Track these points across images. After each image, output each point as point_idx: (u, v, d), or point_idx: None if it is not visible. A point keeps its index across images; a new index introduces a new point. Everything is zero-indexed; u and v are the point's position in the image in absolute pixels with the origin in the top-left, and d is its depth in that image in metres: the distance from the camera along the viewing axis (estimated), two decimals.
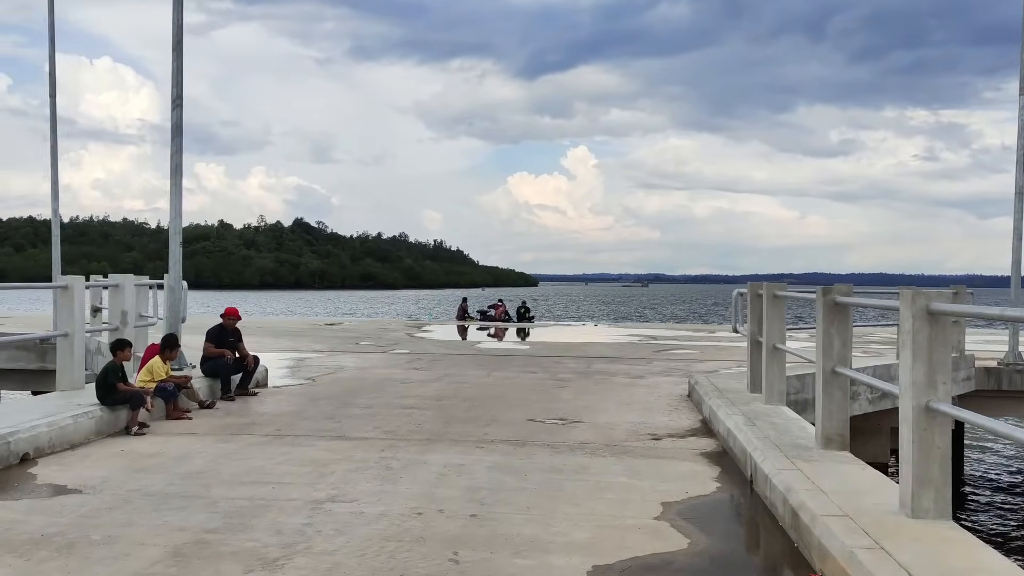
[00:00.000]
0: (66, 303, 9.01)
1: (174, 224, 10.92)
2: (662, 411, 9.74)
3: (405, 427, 8.45)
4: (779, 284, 8.70)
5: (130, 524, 5.11)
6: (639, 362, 15.55)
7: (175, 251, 10.91)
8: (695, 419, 9.23)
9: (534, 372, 13.56)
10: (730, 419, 7.78)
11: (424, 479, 6.32)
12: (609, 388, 11.72)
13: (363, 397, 10.43)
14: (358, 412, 9.30)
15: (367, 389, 11.15)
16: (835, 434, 6.31)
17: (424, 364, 14.47)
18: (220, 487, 6.01)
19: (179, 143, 10.95)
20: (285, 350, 16.88)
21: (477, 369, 13.79)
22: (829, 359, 6.25)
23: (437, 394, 10.77)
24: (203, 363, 10.21)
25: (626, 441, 7.92)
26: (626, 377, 13.09)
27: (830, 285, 6.39)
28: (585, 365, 14.82)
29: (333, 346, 17.92)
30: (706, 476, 6.61)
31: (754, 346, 9.44)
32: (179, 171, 10.95)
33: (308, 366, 13.97)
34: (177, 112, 10.91)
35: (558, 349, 18.31)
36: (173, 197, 10.95)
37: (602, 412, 9.59)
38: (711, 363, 15.60)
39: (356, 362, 14.68)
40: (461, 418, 9.03)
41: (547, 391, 11.30)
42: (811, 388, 11.22)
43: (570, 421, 8.99)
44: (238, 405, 9.76)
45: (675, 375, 13.48)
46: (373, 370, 13.49)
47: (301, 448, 7.36)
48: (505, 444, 7.67)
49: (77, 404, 7.95)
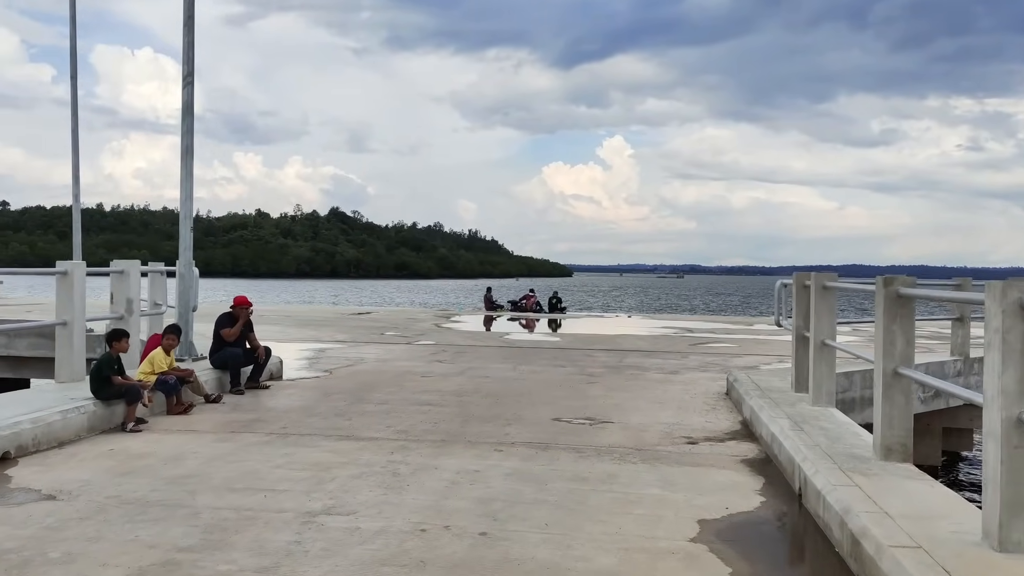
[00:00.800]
0: (65, 290, 8.52)
1: (184, 207, 10.41)
2: (698, 411, 9.03)
3: (420, 426, 7.84)
4: (829, 275, 7.93)
5: (97, 539, 4.55)
6: (674, 356, 14.81)
7: (185, 235, 10.41)
8: (734, 420, 8.51)
9: (563, 366, 12.90)
10: (774, 422, 7.05)
11: (433, 488, 5.70)
12: (642, 384, 11.02)
13: (379, 392, 9.85)
14: (371, 409, 8.72)
15: (385, 383, 10.58)
16: (897, 444, 5.56)
17: (448, 356, 13.87)
18: (207, 494, 5.44)
19: (190, 123, 10.43)
20: (307, 340, 16.40)
21: (503, 362, 13.16)
22: (891, 359, 5.51)
23: (458, 389, 10.16)
24: (212, 354, 9.70)
25: (659, 445, 7.24)
26: (660, 372, 12.37)
27: (891, 276, 5.63)
28: (617, 359, 14.12)
29: (356, 336, 17.41)
30: (748, 488, 5.90)
31: (800, 341, 8.68)
32: (190, 152, 10.44)
33: (328, 357, 13.44)
34: (188, 90, 10.39)
35: (589, 341, 17.61)
36: (184, 180, 10.44)
37: (633, 411, 8.91)
38: (750, 358, 14.81)
39: (378, 354, 14.13)
40: (481, 416, 8.40)
41: (575, 387, 10.64)
42: (859, 387, 10.44)
43: (598, 421, 8.31)
44: (247, 399, 9.23)
45: (712, 371, 12.73)
46: (394, 362, 12.92)
47: (304, 449, 6.78)
48: (526, 447, 7.03)
49: (71, 398, 7.45)
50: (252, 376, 9.81)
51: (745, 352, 15.89)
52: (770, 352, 15.86)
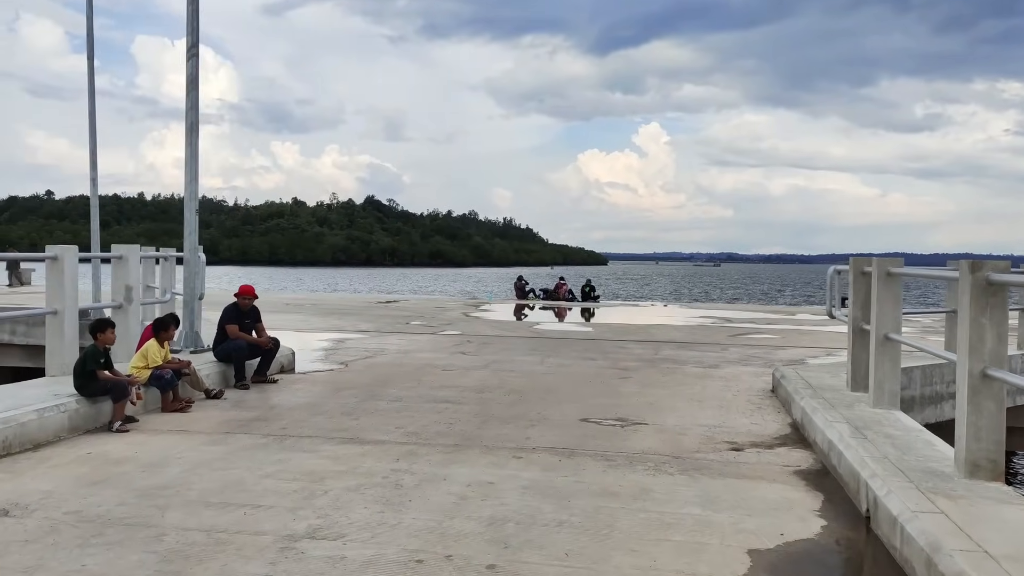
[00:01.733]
0: (55, 276, 7.91)
1: (189, 189, 9.76)
2: (742, 410, 8.19)
3: (433, 427, 7.10)
4: (893, 260, 7.03)
5: (36, 568, 3.88)
6: (713, 348, 13.94)
7: (190, 219, 9.77)
8: (783, 422, 7.66)
9: (593, 359, 12.09)
10: (831, 427, 6.20)
11: (438, 504, 4.95)
12: (679, 380, 10.19)
13: (394, 387, 9.14)
14: (383, 407, 8.00)
15: (402, 377, 9.87)
16: (985, 459, 4.70)
17: (472, 348, 13.13)
18: (180, 510, 4.76)
19: (194, 98, 9.78)
20: (329, 330, 15.79)
21: (530, 355, 12.39)
22: (979, 358, 4.64)
23: (479, 384, 9.42)
24: (215, 346, 9.06)
25: (699, 452, 6.42)
26: (698, 367, 11.52)
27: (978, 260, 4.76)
28: (652, 351, 13.28)
29: (380, 326, 16.75)
30: (805, 507, 5.08)
31: (857, 335, 7.79)
32: (194, 130, 9.79)
33: (346, 348, 12.78)
34: (192, 63, 9.73)
35: (623, 332, 16.78)
36: (188, 160, 9.80)
37: (670, 411, 8.10)
38: (795, 350, 13.88)
39: (399, 344, 13.44)
40: (501, 416, 7.65)
41: (607, 383, 9.84)
42: (918, 384, 9.51)
43: (631, 422, 7.52)
44: (251, 395, 8.58)
45: (755, 364, 11.85)
46: (415, 354, 12.22)
47: (301, 455, 6.08)
48: (549, 453, 6.26)
49: (54, 395, 6.84)
50: (259, 369, 9.16)
51: (789, 344, 14.95)
52: (816, 344, 14.90)
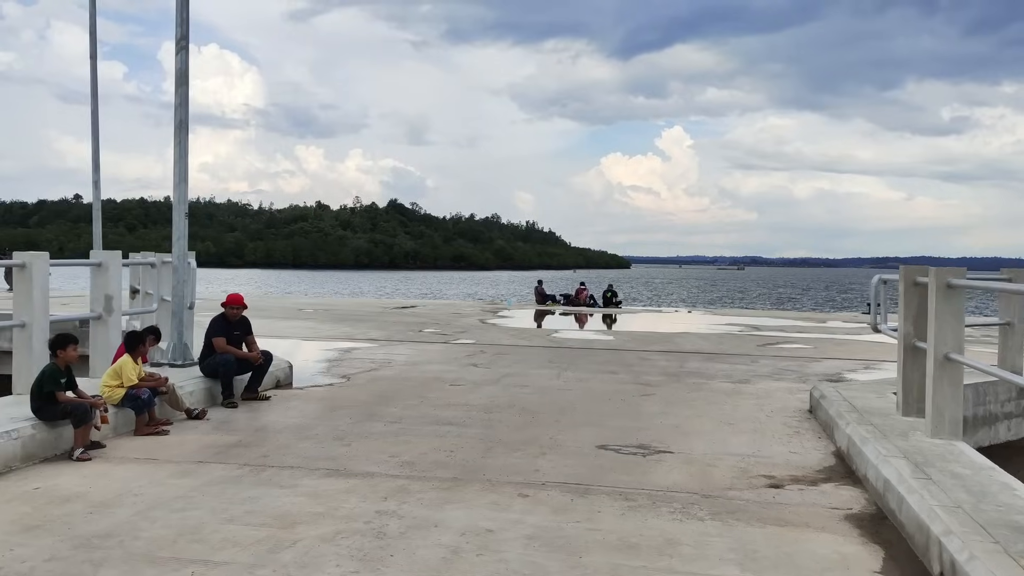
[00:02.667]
0: (23, 285, 7.24)
1: (178, 191, 9.10)
2: (778, 435, 7.36)
3: (431, 455, 6.34)
4: (955, 269, 6.18)
5: None
6: (742, 360, 13.08)
7: (179, 222, 9.10)
8: (825, 451, 6.82)
9: (614, 372, 11.28)
10: (886, 463, 5.37)
11: (425, 560, 4.19)
12: (706, 397, 9.36)
13: (396, 405, 8.40)
14: (379, 429, 7.26)
15: (405, 393, 9.12)
16: None
17: (485, 359, 12.37)
18: (117, 567, 4.03)
19: (184, 93, 9.12)
20: (337, 338, 15.10)
21: (546, 367, 11.60)
22: None
23: (488, 403, 8.65)
24: (202, 360, 8.36)
25: (732, 489, 5.61)
26: (727, 381, 10.68)
27: None
28: (677, 363, 12.45)
29: (391, 334, 16.04)
30: (863, 567, 4.25)
31: (910, 353, 6.93)
32: (184, 128, 9.12)
33: (351, 359, 12.07)
34: (182, 56, 9.07)
35: (646, 341, 15.94)
36: (177, 160, 9.13)
37: (697, 435, 7.29)
38: (830, 363, 12.99)
39: (409, 355, 12.71)
40: (509, 442, 6.87)
41: (627, 401, 9.04)
42: (971, 404, 8.60)
43: (654, 450, 6.71)
44: (238, 414, 7.87)
45: (788, 379, 10.99)
46: (424, 366, 11.47)
47: (276, 491, 5.34)
48: (560, 490, 5.48)
49: (10, 418, 6.16)
50: (249, 386, 8.45)
51: (823, 355, 14.06)
52: (852, 356, 13.99)
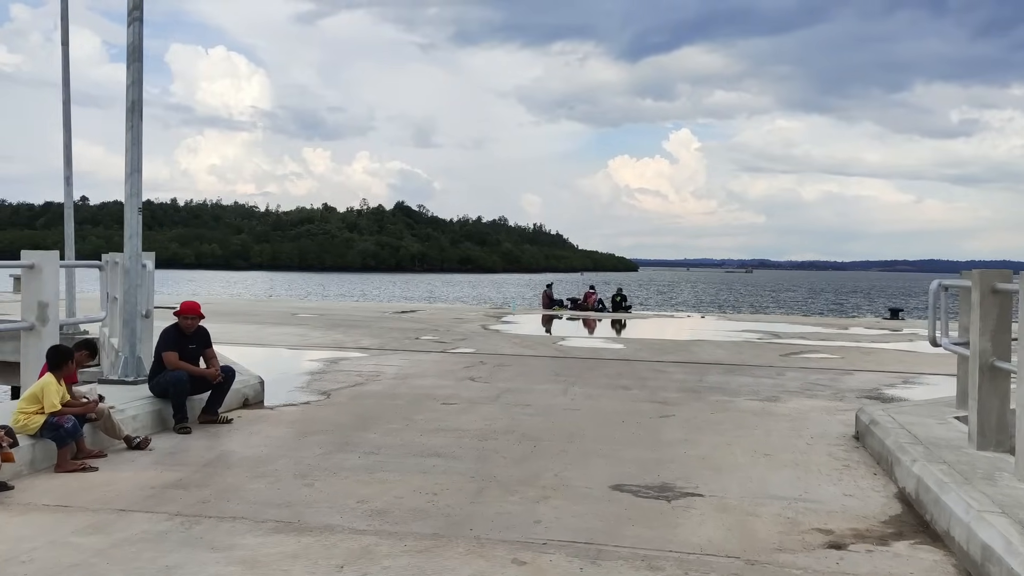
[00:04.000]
0: None
1: (131, 182, 8.00)
2: (825, 470, 6.21)
3: (409, 500, 5.20)
4: None
5: None
6: (766, 372, 11.91)
7: (132, 219, 8.00)
8: (886, 491, 5.66)
9: (627, 387, 10.13)
10: (983, 523, 4.20)
11: None
12: (734, 419, 8.20)
13: (377, 430, 7.26)
14: (352, 463, 6.12)
15: (390, 414, 7.99)
16: None
17: (484, 372, 11.22)
18: None
19: (137, 71, 8.02)
20: (326, 347, 13.99)
21: (551, 382, 10.45)
22: None
23: (484, 427, 7.50)
24: (151, 378, 7.24)
25: (783, 550, 4.46)
26: (753, 398, 9.52)
27: None
28: (696, 376, 11.29)
29: (386, 342, 14.92)
30: None
31: (987, 374, 5.76)
32: (137, 110, 8.01)
33: (337, 371, 10.95)
34: (134, 29, 7.96)
35: (659, 350, 14.78)
36: (130, 147, 8.03)
37: (729, 470, 6.13)
38: (863, 375, 11.82)
39: (401, 366, 11.58)
40: (506, 481, 5.73)
41: (644, 424, 7.88)
42: None
43: (679, 491, 5.56)
44: (191, 442, 6.73)
45: (821, 396, 9.83)
46: (415, 380, 10.34)
47: (204, 555, 4.20)
48: (565, 554, 4.32)
49: None
50: (208, 407, 7.33)
51: (853, 366, 12.88)
52: (885, 367, 12.82)
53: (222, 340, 14.82)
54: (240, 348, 13.90)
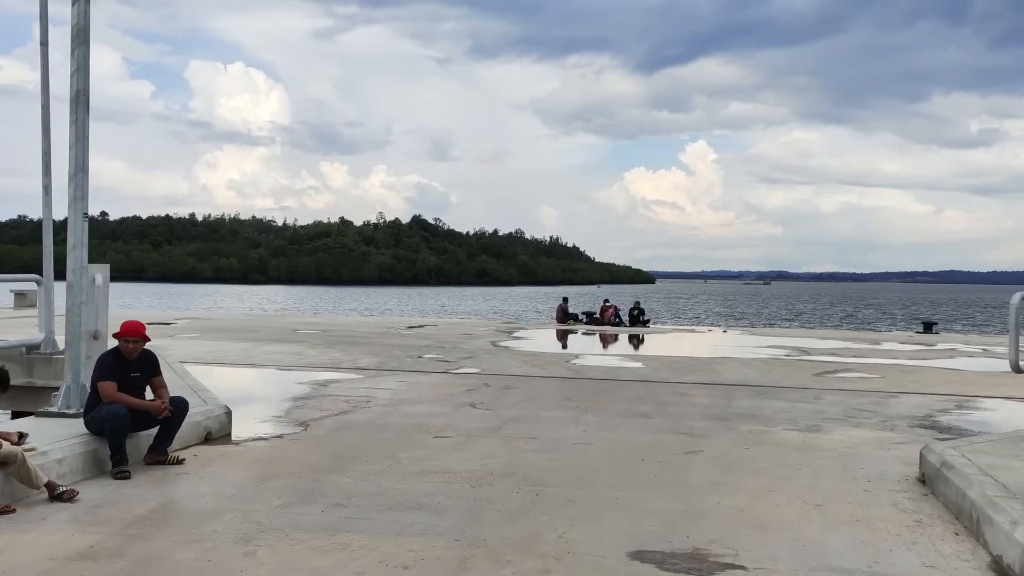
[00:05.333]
0: None
1: (76, 183, 6.97)
2: (893, 527, 5.05)
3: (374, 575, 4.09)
4: None
5: None
6: (801, 395, 10.72)
7: (76, 226, 6.96)
8: (976, 559, 4.50)
9: (647, 416, 8.97)
10: None
11: None
12: (771, 455, 7.04)
13: (352, 472, 6.16)
14: (313, 519, 5.02)
15: (372, 451, 6.88)
16: None
17: (488, 396, 10.11)
18: None
19: (83, 55, 7.01)
20: (321, 367, 12.92)
21: (561, 408, 9.31)
22: None
23: (479, 468, 6.38)
24: (87, 412, 6.17)
25: None
26: (792, 427, 8.35)
27: None
28: (723, 401, 10.12)
29: (385, 361, 13.83)
30: None
31: None
32: (82, 100, 7.00)
33: (324, 396, 9.87)
34: (80, 7, 6.93)
35: (681, 369, 13.60)
36: (75, 142, 7.00)
37: (774, 528, 4.99)
38: (910, 398, 10.62)
39: (396, 390, 10.49)
40: (498, 545, 4.61)
41: (667, 462, 6.73)
42: None
43: (715, 561, 4.42)
44: (128, 489, 5.65)
45: (869, 424, 8.65)
46: (409, 407, 9.24)
47: None
48: None
49: None
50: (155, 445, 6.25)
51: (897, 388, 11.66)
52: (932, 389, 11.59)
53: (209, 360, 13.82)
54: (226, 369, 12.87)
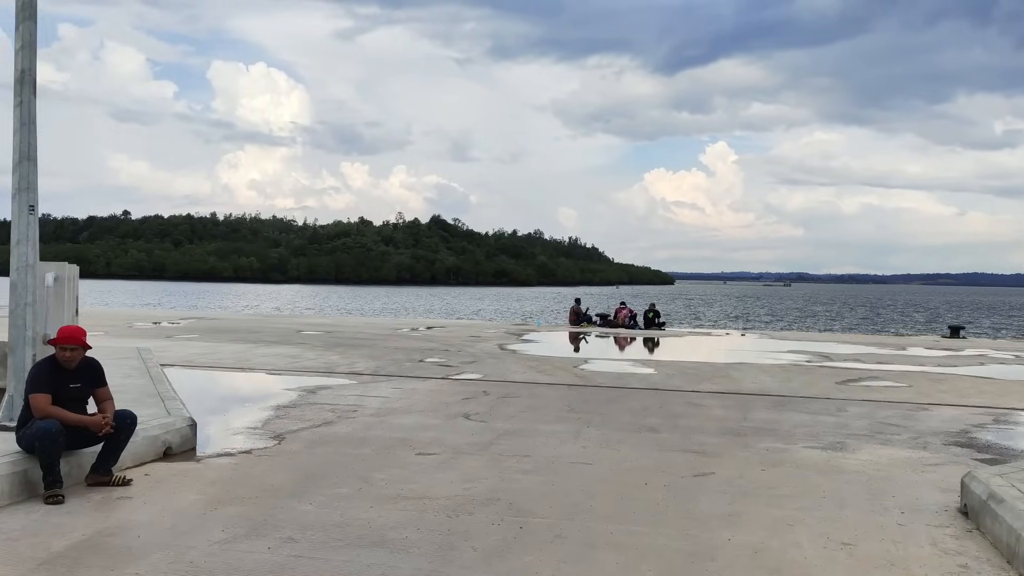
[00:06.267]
0: None
1: (22, 171, 6.39)
2: (935, 573, 4.28)
3: None
4: None
5: None
6: (823, 406, 9.94)
7: (20, 220, 6.41)
8: None
9: (654, 430, 8.23)
10: None
11: None
12: (791, 479, 6.28)
13: (315, 498, 5.46)
14: (256, 560, 4.32)
15: (344, 471, 6.19)
16: None
17: (484, 406, 9.40)
18: None
19: (29, 31, 6.41)
20: (315, 371, 12.28)
21: (561, 421, 8.59)
22: None
23: (460, 492, 5.66)
24: (19, 428, 5.51)
25: None
26: (814, 445, 7.59)
27: None
28: (739, 413, 9.36)
29: (382, 366, 13.16)
30: None
31: None
32: (28, 81, 6.39)
33: (309, 405, 9.20)
34: None
35: (695, 377, 12.83)
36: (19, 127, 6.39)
37: (794, 574, 4.24)
38: (942, 411, 9.81)
39: (388, 398, 9.81)
40: None
41: (674, 487, 5.99)
42: None
43: None
44: (58, 517, 4.99)
45: (898, 441, 7.87)
46: (397, 417, 8.55)
47: None
48: None
49: None
50: (99, 464, 5.59)
51: (927, 399, 10.85)
52: (965, 399, 10.77)
53: (200, 363, 13.15)
54: (213, 373, 12.26)
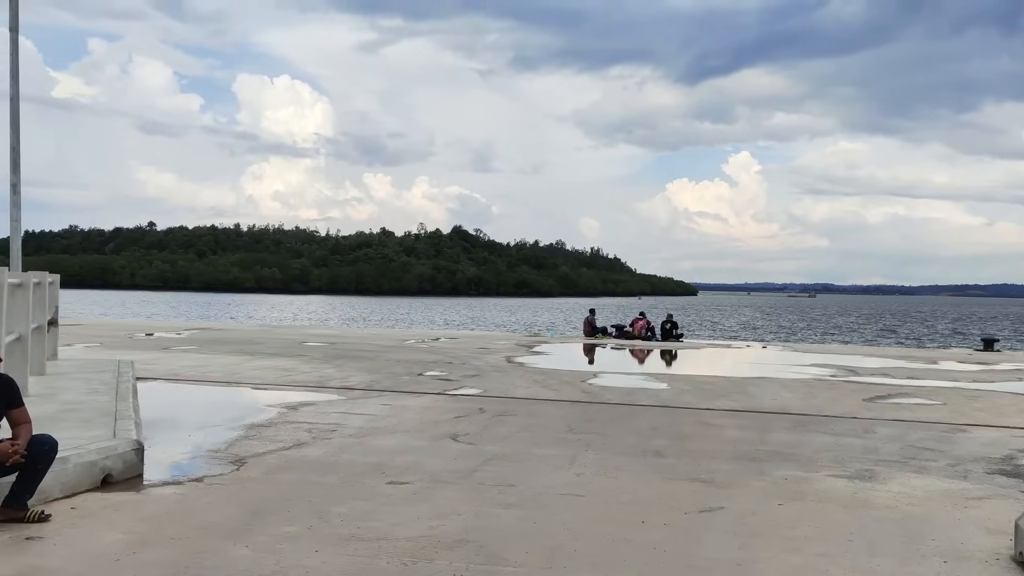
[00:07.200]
0: None
1: None
2: None
3: None
4: None
5: None
6: (849, 427, 9.08)
7: None
8: None
9: (659, 454, 7.42)
10: None
11: None
12: (812, 515, 5.45)
13: (257, 539, 4.71)
14: None
15: (300, 503, 5.44)
16: None
17: (477, 426, 8.63)
18: None
19: None
20: (304, 386, 11.58)
21: (559, 443, 7.79)
22: None
23: (426, 531, 4.89)
24: None
25: None
26: (839, 473, 6.74)
27: None
28: (756, 434, 8.53)
29: (378, 379, 12.45)
30: None
31: None
32: None
33: (285, 423, 8.48)
34: None
35: (709, 392, 11.99)
36: None
37: None
38: (981, 432, 8.93)
39: (373, 416, 9.08)
40: None
41: (675, 525, 5.18)
42: None
43: None
44: None
45: (933, 468, 7.01)
46: (377, 439, 7.80)
47: None
48: None
49: None
50: (12, 497, 4.87)
51: (964, 418, 9.95)
52: (1007, 420, 9.87)
53: (187, 376, 12.42)
54: (195, 387, 11.58)
